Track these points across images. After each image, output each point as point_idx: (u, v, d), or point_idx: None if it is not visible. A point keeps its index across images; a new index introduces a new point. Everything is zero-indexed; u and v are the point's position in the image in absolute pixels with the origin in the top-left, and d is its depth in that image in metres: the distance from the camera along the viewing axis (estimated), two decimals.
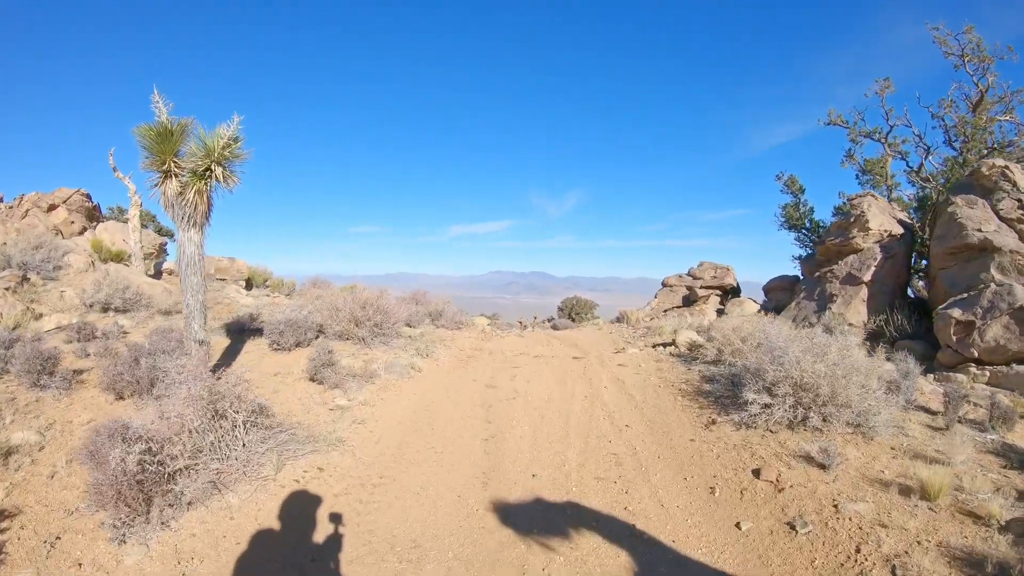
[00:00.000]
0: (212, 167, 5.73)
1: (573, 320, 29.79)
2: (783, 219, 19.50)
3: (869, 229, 12.07)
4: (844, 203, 19.09)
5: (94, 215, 18.13)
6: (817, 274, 12.75)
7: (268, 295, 17.02)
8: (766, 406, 6.04)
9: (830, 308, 11.69)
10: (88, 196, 17.88)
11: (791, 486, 4.90)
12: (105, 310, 11.37)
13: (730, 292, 15.16)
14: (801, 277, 14.10)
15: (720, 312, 13.97)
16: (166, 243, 23.78)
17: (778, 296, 13.87)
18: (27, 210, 17.07)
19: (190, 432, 4.46)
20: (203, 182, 5.79)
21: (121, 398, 6.82)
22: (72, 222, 17.55)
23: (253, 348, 9.03)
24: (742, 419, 6.08)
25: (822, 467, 5.18)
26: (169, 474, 4.30)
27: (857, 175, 17.35)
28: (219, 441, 4.60)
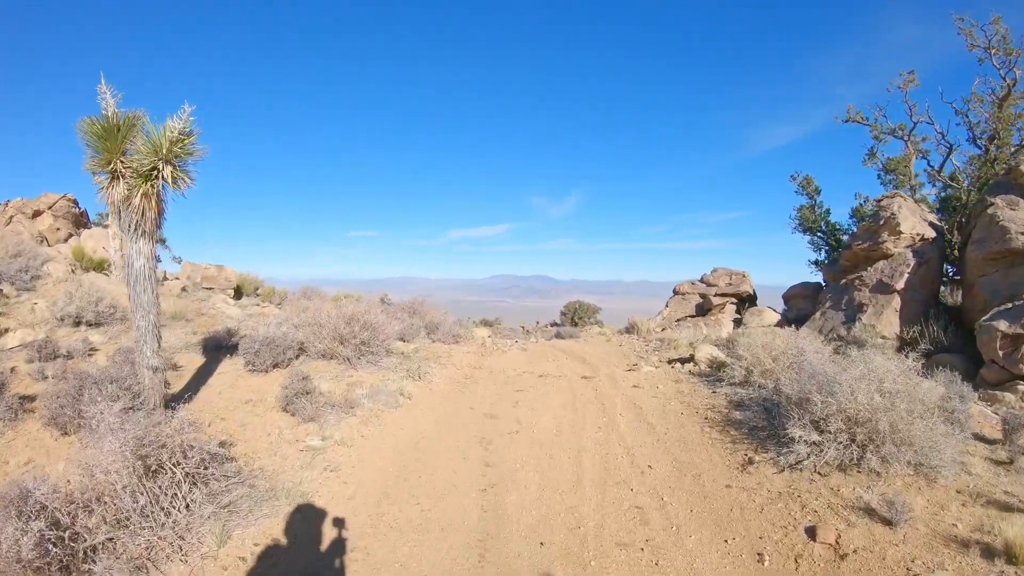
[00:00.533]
0: (159, 166, 4.85)
1: (576, 324, 28.93)
2: (798, 221, 18.61)
3: (901, 233, 11.15)
4: (861, 204, 18.19)
5: (81, 221, 17.41)
6: (843, 281, 11.83)
7: (258, 305, 16.14)
8: (814, 444, 5.14)
9: (860, 319, 10.76)
10: (75, 202, 17.19)
11: (855, 550, 4.01)
12: (77, 324, 10.50)
13: (747, 300, 14.23)
14: (824, 284, 13.18)
15: (737, 322, 13.04)
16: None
17: (799, 305, 12.93)
18: (11, 216, 16.35)
19: (113, 494, 3.57)
20: (149, 184, 4.92)
21: (66, 434, 5.95)
22: (58, 229, 16.82)
23: (228, 368, 8.16)
24: (785, 459, 5.18)
25: (887, 523, 4.30)
26: (85, 551, 3.41)
27: (879, 175, 16.43)
28: (153, 504, 3.71)
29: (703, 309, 14.03)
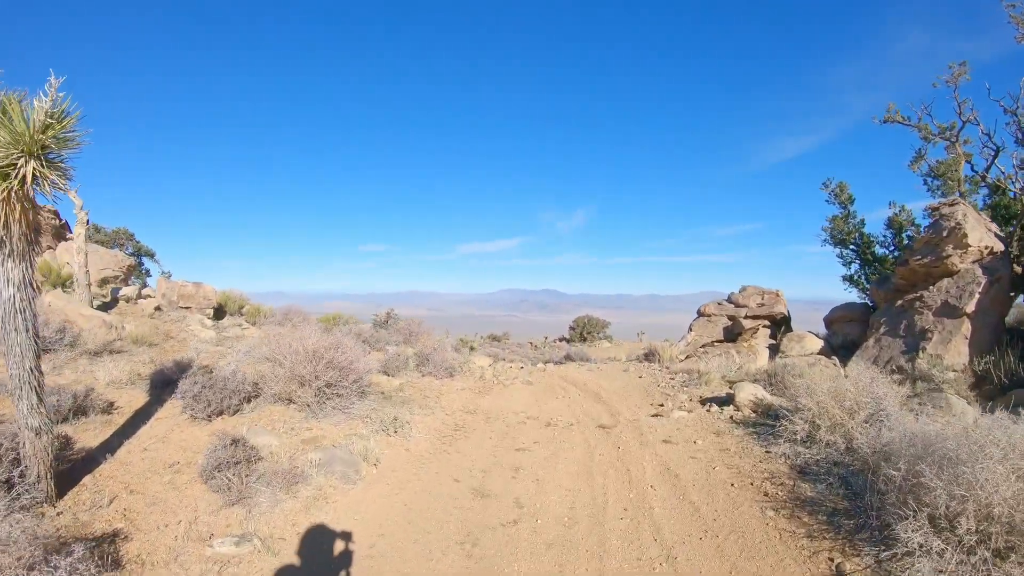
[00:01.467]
0: (20, 162, 3.48)
1: (585, 340, 27.35)
2: (829, 233, 17.09)
3: (968, 245, 9.52)
4: (896, 213, 16.60)
5: (62, 234, 16.32)
6: (900, 303, 10.20)
7: (239, 326, 14.75)
8: (937, 553, 3.59)
9: (924, 348, 9.13)
10: (56, 214, 16.18)
11: None
12: None
13: (781, 323, 12.61)
14: (873, 306, 11.53)
15: (773, 349, 11.41)
16: (139, 264, 21.77)
17: (845, 329, 11.29)
18: None
19: None
20: (7, 186, 3.54)
21: None
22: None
23: (168, 413, 6.71)
24: (894, 571, 3.63)
25: None
26: None
27: (925, 180, 14.85)
28: None
29: (732, 333, 12.42)
